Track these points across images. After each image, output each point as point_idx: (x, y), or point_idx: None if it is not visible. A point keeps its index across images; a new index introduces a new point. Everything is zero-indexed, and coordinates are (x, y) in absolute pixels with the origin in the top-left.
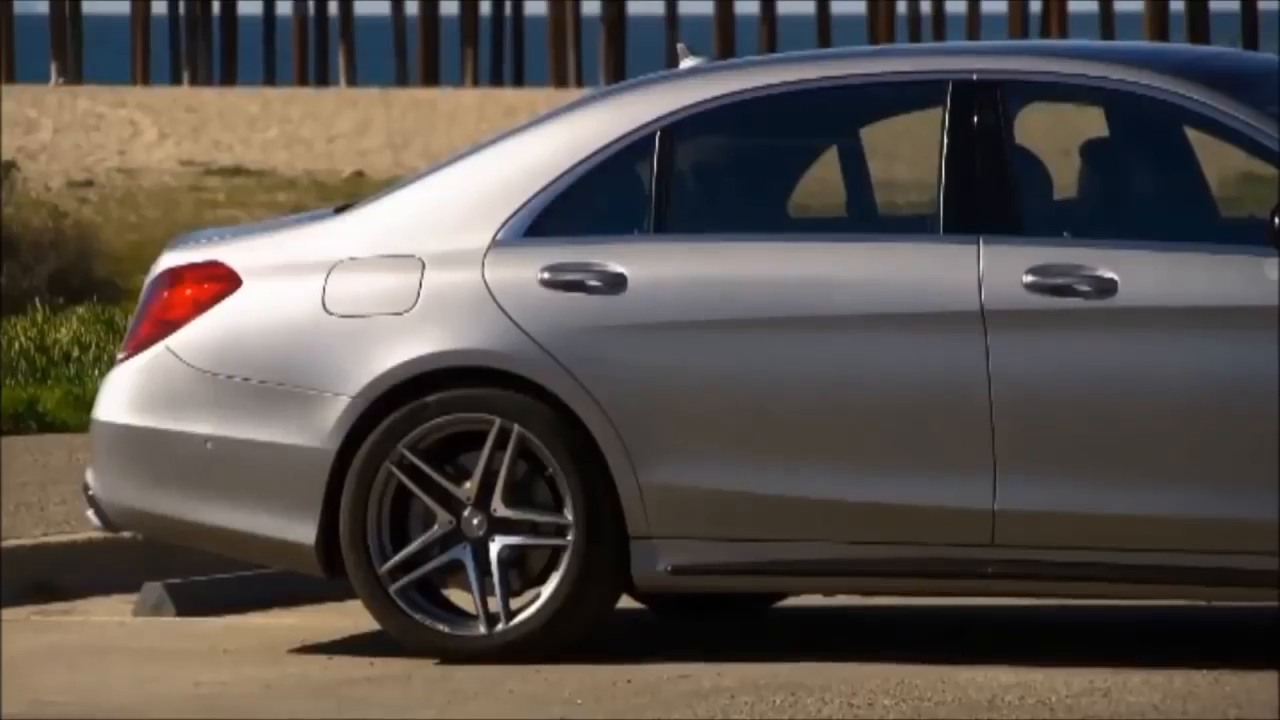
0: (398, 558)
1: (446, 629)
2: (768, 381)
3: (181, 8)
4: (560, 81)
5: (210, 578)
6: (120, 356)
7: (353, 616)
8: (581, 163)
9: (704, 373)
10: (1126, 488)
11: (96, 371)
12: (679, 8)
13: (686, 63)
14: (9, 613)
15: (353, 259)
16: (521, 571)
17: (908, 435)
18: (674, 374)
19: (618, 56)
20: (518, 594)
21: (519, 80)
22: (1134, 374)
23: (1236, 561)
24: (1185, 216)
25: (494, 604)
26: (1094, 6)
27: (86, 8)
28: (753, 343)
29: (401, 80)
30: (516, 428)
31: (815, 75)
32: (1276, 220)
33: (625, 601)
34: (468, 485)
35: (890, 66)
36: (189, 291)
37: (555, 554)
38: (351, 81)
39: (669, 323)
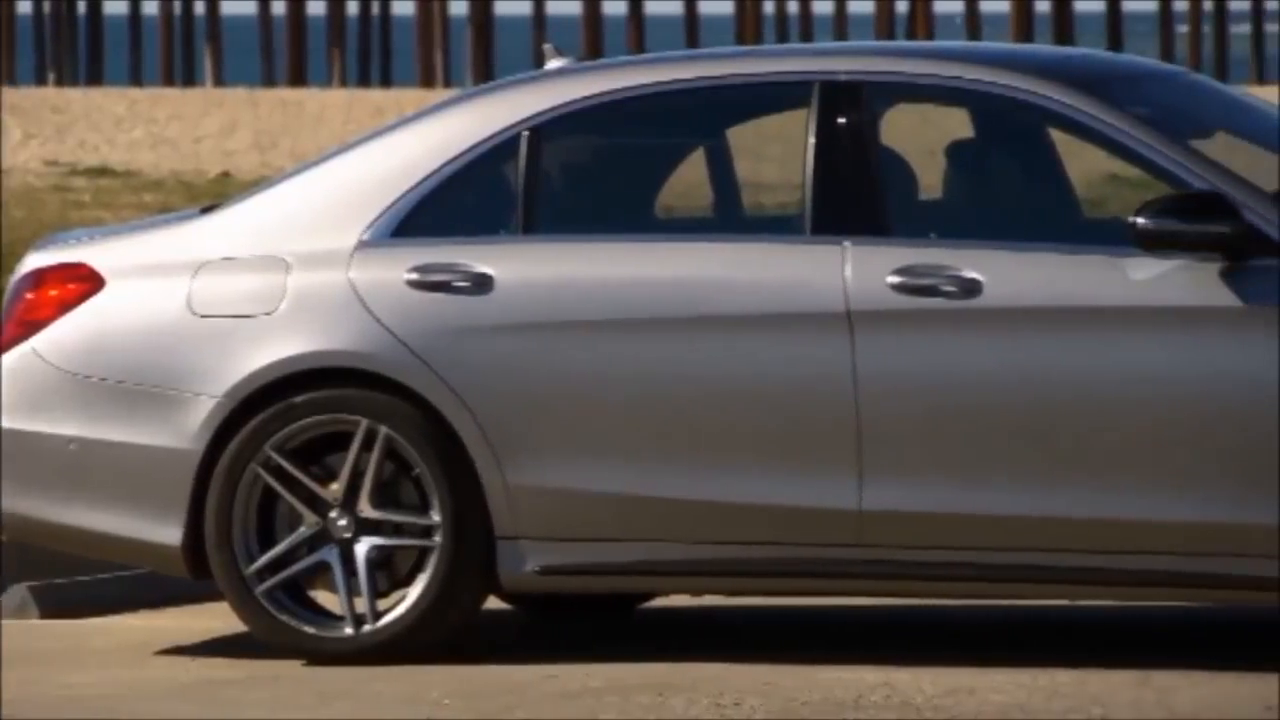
0: (264, 559)
1: (313, 630)
2: (635, 382)
3: (46, 7)
4: (428, 82)
5: (74, 579)
6: None
7: (220, 618)
8: (448, 163)
9: (571, 374)
10: (992, 487)
11: None
12: (546, 8)
13: (553, 63)
14: None
15: (219, 259)
16: (389, 572)
17: (775, 435)
18: (541, 375)
19: (485, 57)
20: (385, 595)
21: (386, 81)
22: (999, 374)
23: (1098, 560)
24: (1049, 217)
25: (361, 605)
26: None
27: None
28: (620, 343)
29: (268, 80)
30: (383, 428)
31: (683, 76)
32: (1139, 221)
33: (493, 602)
34: (334, 486)
35: (757, 67)
36: (53, 293)
37: (422, 555)
38: (218, 82)
39: (536, 323)
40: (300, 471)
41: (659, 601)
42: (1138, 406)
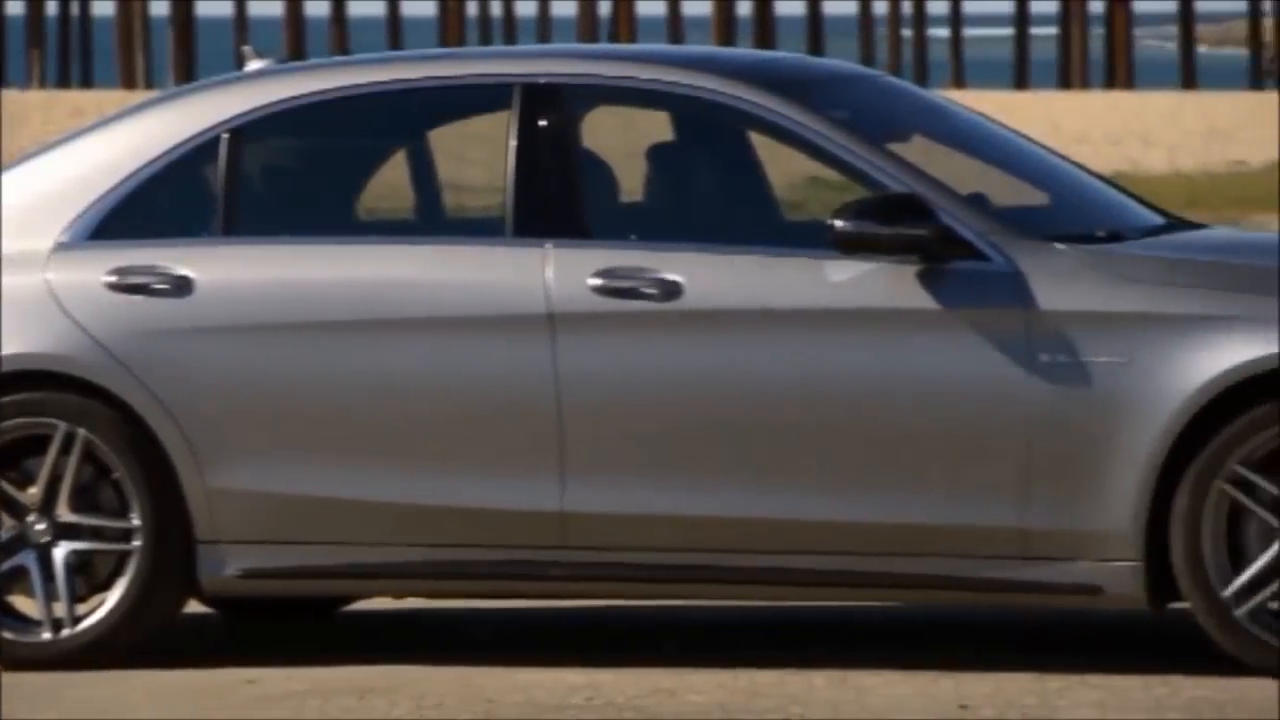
0: None
1: (11, 635)
2: (337, 385)
3: None
4: (129, 83)
5: None
6: None
7: None
8: (148, 165)
9: (272, 376)
10: (694, 489)
11: None
12: (248, 9)
13: (253, 65)
14: None
15: None
16: (89, 577)
17: (477, 438)
18: (242, 378)
19: (187, 58)
20: (85, 599)
21: (87, 82)
22: (700, 376)
23: (802, 562)
24: (749, 219)
25: (59, 610)
26: (663, 9)
27: None
28: (322, 346)
29: None
30: (82, 432)
31: (384, 78)
32: (836, 223)
33: (193, 606)
34: (32, 490)
35: (458, 70)
36: None
37: (122, 559)
38: None
39: (236, 326)
40: None
41: (361, 604)
42: (837, 409)
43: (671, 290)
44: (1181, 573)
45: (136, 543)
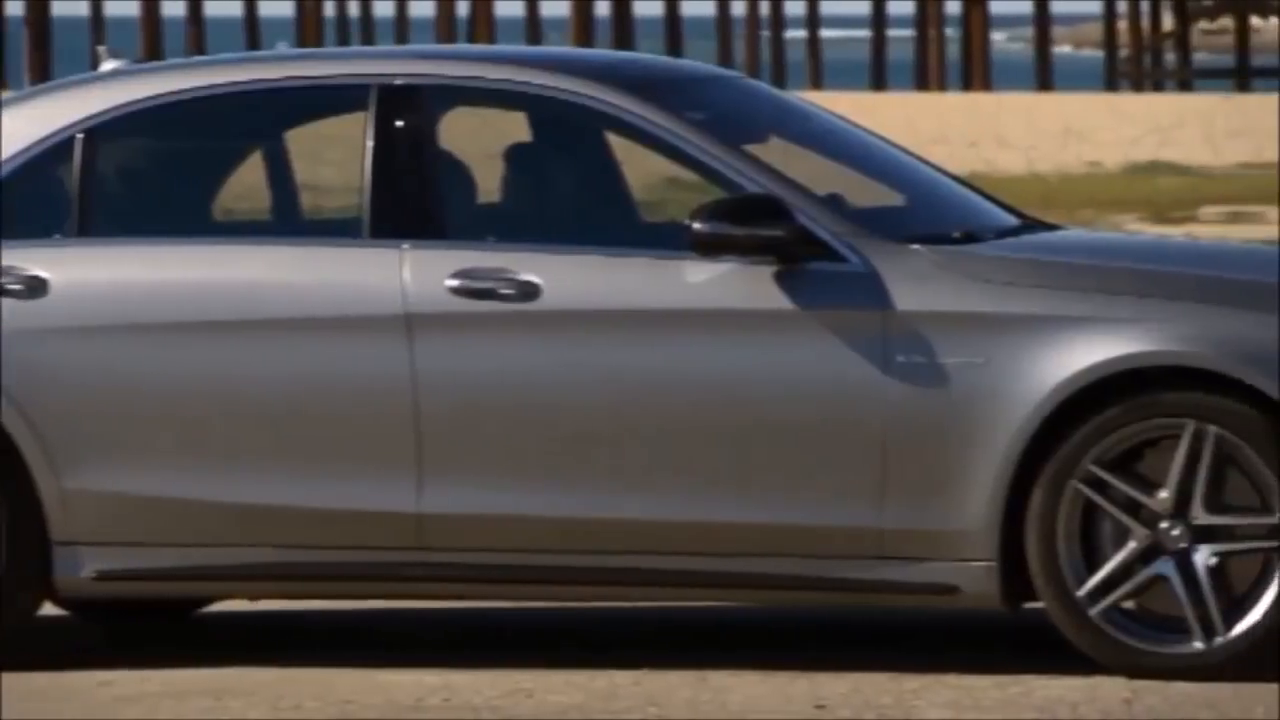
0: None
1: None
2: (194, 386)
3: None
4: None
5: None
6: None
7: None
8: (1, 165)
9: (127, 378)
10: (550, 490)
11: None
12: (105, 9)
13: (108, 65)
14: None
15: None
16: None
17: (334, 439)
18: (96, 379)
19: (43, 58)
20: None
21: None
22: (557, 377)
23: (653, 562)
24: (607, 220)
25: None
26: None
27: None
28: (179, 347)
29: None
30: None
31: (240, 78)
32: (694, 224)
33: (48, 608)
34: None
35: (316, 70)
36: None
37: None
38: None
39: (90, 327)
40: None
41: (217, 606)
42: (695, 409)
43: (529, 291)
44: (1036, 572)
45: None
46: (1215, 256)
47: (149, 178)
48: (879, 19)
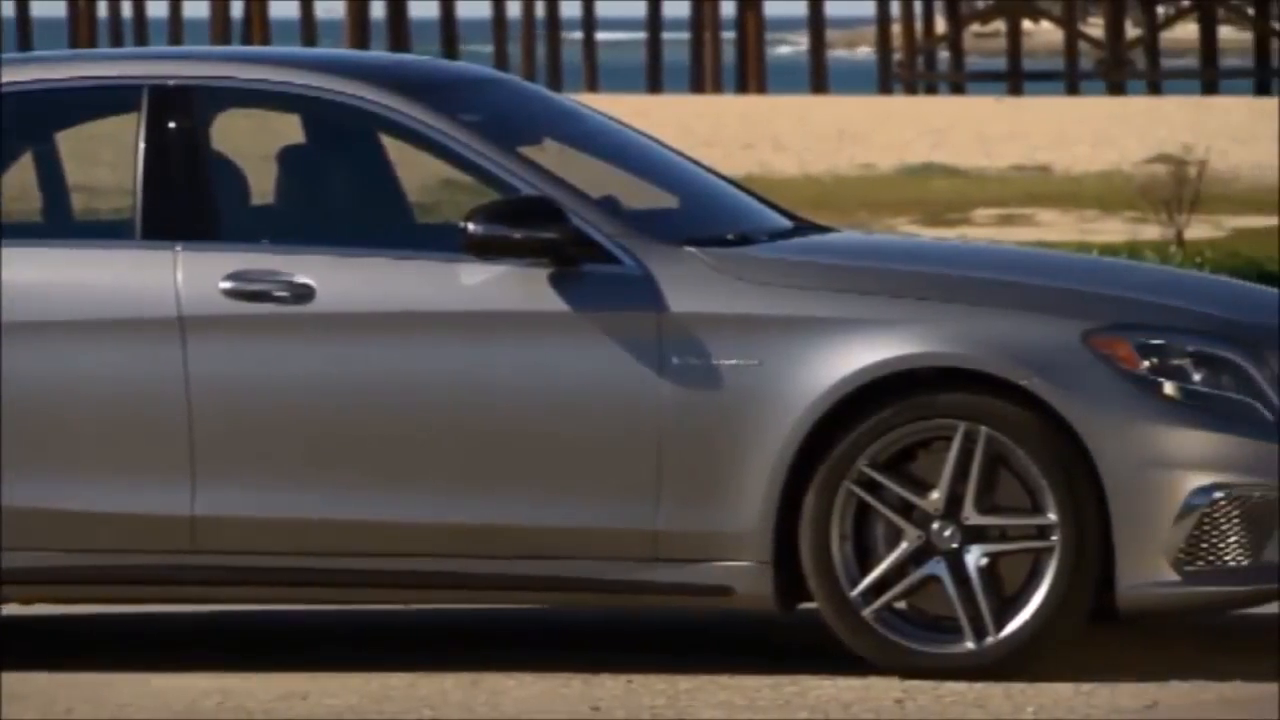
0: None
1: None
2: None
3: None
4: None
5: None
6: None
7: None
8: None
9: None
10: (324, 493)
11: None
12: None
13: None
14: None
15: None
16: None
17: (107, 442)
18: None
19: None
20: None
21: None
22: (331, 380)
23: (427, 564)
24: (382, 222)
25: None
26: (295, 9)
27: None
28: None
29: None
30: None
31: (10, 79)
32: (469, 226)
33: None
34: None
35: (86, 71)
36: None
37: None
38: None
39: None
40: None
41: None
42: (469, 411)
43: (303, 293)
44: (810, 573)
45: None
46: (987, 258)
47: None
48: (654, 22)
